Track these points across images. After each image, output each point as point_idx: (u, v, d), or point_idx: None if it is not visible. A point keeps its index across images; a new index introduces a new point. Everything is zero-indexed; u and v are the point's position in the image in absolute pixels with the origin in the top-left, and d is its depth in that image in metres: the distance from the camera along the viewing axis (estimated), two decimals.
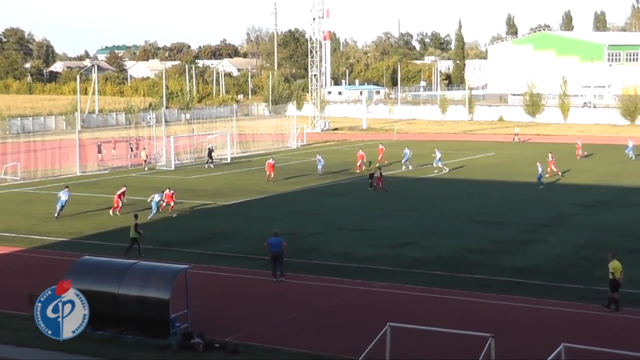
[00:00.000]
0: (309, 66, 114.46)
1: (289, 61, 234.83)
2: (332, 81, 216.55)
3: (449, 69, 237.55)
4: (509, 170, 63.49)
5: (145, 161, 68.38)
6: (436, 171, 62.69)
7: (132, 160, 71.71)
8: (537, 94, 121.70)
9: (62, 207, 43.93)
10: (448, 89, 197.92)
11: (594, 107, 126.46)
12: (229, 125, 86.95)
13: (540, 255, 34.27)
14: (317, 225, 41.61)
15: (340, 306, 27.38)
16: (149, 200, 44.40)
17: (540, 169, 54.36)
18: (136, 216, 35.82)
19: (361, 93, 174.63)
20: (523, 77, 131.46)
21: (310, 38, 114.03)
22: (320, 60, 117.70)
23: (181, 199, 49.23)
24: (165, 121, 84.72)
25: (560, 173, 59.00)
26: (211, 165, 67.94)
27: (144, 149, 70.95)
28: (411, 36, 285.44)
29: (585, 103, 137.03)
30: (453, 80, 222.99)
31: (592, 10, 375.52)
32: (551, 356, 18.61)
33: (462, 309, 26.95)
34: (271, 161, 58.90)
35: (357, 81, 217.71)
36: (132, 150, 75.83)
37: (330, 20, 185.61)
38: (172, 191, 45.57)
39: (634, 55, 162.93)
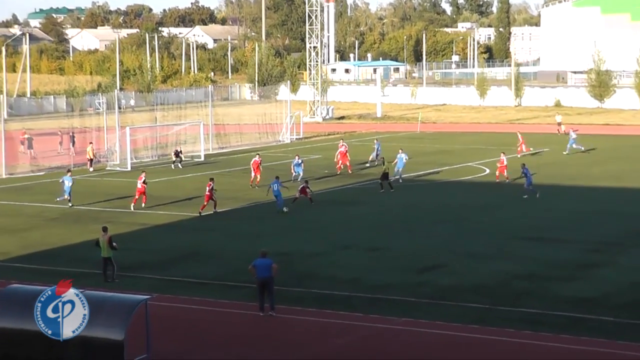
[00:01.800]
0: (307, 36, 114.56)
1: (280, 29, 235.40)
2: (337, 55, 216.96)
3: (489, 38, 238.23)
4: (569, 172, 63.47)
5: (91, 160, 68.38)
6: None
7: (73, 158, 71.55)
8: (606, 72, 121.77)
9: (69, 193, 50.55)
10: (488, 66, 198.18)
11: None
12: (202, 113, 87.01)
13: (610, 282, 34.23)
14: (318, 243, 41.60)
15: (348, 349, 27.34)
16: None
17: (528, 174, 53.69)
18: (105, 229, 35.25)
19: (375, 71, 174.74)
20: (587, 50, 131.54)
21: (309, 0, 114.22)
22: (322, 29, 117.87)
23: (140, 208, 49.28)
24: (120, 107, 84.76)
25: (530, 149, 62.82)
26: (179, 166, 68.02)
27: (91, 143, 70.95)
28: None
29: None
30: (495, 53, 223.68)
31: None
32: None
33: (507, 352, 26.91)
34: (257, 159, 58.99)
35: (369, 55, 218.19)
36: (73, 144, 75.88)
37: None
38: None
39: None
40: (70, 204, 50.85)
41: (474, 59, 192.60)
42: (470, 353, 27.00)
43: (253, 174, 58.09)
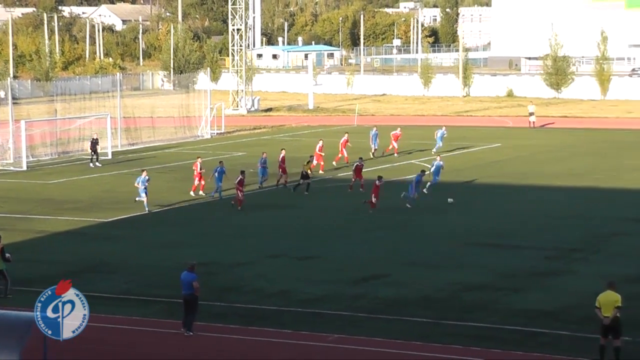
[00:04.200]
0: (230, 17, 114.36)
1: (199, 10, 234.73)
2: (264, 39, 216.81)
3: (434, 20, 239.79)
4: (524, 170, 64.17)
5: None
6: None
7: None
8: (563, 57, 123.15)
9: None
10: (433, 51, 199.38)
11: None
12: (109, 105, 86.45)
13: (568, 293, 34.76)
14: (243, 252, 41.64)
15: None
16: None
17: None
18: None
19: (306, 57, 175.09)
20: (544, 33, 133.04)
21: None
22: (247, 9, 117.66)
23: (38, 213, 48.91)
24: (14, 98, 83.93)
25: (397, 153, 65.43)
26: (97, 164, 67.53)
27: None
28: None
29: (634, 70, 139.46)
30: (441, 37, 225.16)
31: None
32: None
33: None
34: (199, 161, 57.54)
35: (300, 39, 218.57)
36: None
37: None
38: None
39: None
40: (147, 211, 50.06)
41: (417, 43, 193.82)
42: None
43: (196, 179, 56.44)
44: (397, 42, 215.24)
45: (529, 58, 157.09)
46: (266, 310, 33.01)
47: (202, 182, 55.38)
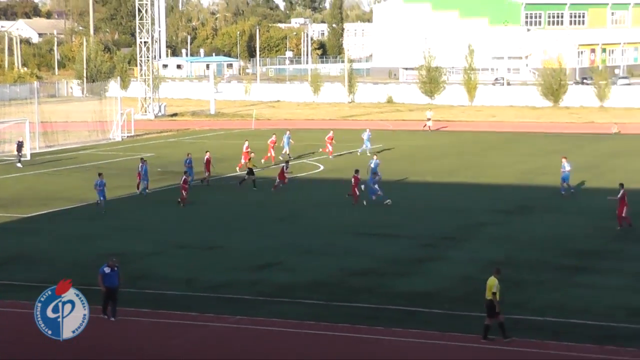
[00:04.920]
0: (137, 31, 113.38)
1: (109, 24, 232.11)
2: (169, 51, 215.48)
3: (322, 35, 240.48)
4: (403, 168, 64.69)
5: None
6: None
7: None
8: (435, 68, 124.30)
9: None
10: (322, 62, 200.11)
11: (508, 84, 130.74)
12: (27, 111, 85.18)
13: (443, 276, 35.18)
14: (152, 243, 41.38)
15: (185, 350, 27.35)
16: None
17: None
18: None
19: (208, 67, 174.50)
20: (418, 46, 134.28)
21: None
22: (153, 23, 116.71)
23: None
24: None
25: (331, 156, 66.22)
26: (19, 165, 66.37)
27: None
28: None
29: (496, 79, 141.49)
30: (328, 50, 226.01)
31: None
32: None
33: (342, 347, 27.38)
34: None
35: (202, 51, 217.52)
36: None
37: None
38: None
39: (557, 17, 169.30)
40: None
41: (307, 55, 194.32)
42: (304, 347, 27.40)
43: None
44: (289, 54, 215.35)
45: (406, 68, 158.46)
46: (174, 296, 32.87)
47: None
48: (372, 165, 54.17)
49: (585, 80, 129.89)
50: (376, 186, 50.66)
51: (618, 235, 41.94)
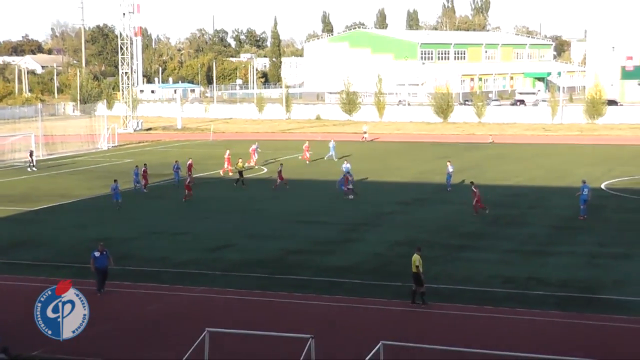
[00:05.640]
0: (120, 63, 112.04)
1: (98, 58, 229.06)
2: (145, 79, 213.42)
3: (265, 66, 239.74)
4: (330, 170, 64.73)
5: None
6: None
7: None
8: (353, 92, 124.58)
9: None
10: (265, 87, 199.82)
11: (409, 104, 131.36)
12: (33, 126, 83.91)
13: (360, 254, 35.29)
14: (132, 230, 40.95)
15: (159, 313, 27.10)
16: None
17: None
18: None
19: (175, 91, 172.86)
20: (339, 75, 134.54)
21: (120, 34, 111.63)
22: (132, 58, 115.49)
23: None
24: None
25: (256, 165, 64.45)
26: (33, 169, 65.50)
27: None
28: (226, 33, 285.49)
29: (400, 101, 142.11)
30: (270, 78, 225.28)
31: (405, 9, 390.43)
32: (370, 354, 19.25)
33: (282, 310, 27.34)
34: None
35: (170, 79, 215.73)
36: None
37: (141, 16, 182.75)
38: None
39: (445, 53, 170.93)
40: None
41: (253, 82, 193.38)
42: (254, 311, 27.30)
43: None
44: (239, 81, 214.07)
45: (331, 92, 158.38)
46: (149, 271, 32.56)
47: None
48: (345, 170, 53.76)
49: (467, 102, 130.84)
50: (351, 186, 50.49)
51: (493, 220, 42.38)
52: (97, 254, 28.91)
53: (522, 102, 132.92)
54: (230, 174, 60.70)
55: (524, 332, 24.82)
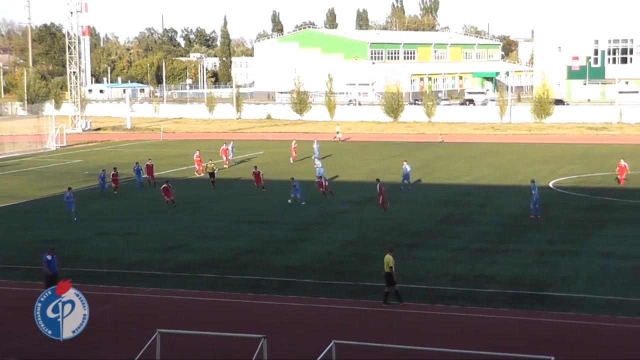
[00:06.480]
0: (68, 63, 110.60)
1: (45, 57, 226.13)
2: (93, 79, 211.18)
3: (215, 66, 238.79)
4: (279, 169, 64.62)
5: None
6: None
7: None
8: (304, 92, 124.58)
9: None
10: (215, 87, 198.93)
11: (359, 104, 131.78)
12: None
13: (311, 253, 35.25)
14: (81, 231, 40.42)
15: (109, 315, 26.76)
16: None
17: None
18: None
19: (124, 91, 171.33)
20: (290, 75, 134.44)
21: (68, 33, 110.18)
22: (80, 57, 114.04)
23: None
24: None
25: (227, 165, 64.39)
26: None
27: None
28: (176, 32, 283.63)
29: (350, 100, 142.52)
30: (220, 77, 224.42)
31: (354, 9, 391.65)
32: (322, 354, 19.21)
33: (234, 310, 27.19)
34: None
35: (119, 79, 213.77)
36: None
37: (89, 15, 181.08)
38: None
39: (394, 53, 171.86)
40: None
41: (204, 82, 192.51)
42: (205, 311, 27.11)
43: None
44: (189, 81, 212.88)
45: (282, 92, 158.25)
46: (98, 272, 32.17)
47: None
48: (320, 171, 53.27)
49: (417, 102, 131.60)
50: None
51: (443, 219, 42.64)
52: (49, 257, 28.46)
53: (471, 101, 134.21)
54: (202, 174, 60.23)
55: (475, 329, 25.00)
